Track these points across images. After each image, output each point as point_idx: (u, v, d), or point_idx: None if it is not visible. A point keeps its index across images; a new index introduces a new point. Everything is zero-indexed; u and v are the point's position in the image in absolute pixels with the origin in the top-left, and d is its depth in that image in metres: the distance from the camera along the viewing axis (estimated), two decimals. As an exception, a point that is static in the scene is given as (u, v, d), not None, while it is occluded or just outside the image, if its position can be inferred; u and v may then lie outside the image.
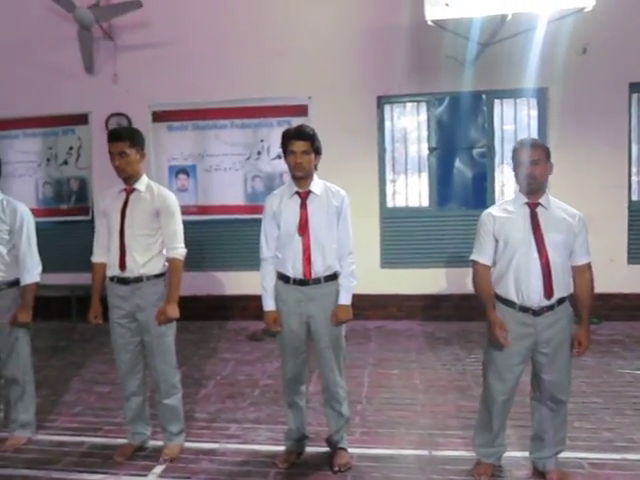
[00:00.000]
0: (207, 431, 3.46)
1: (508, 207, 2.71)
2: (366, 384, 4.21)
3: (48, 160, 6.64)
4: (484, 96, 5.99)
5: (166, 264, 3.10)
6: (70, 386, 4.38)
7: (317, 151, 2.87)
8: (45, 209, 6.63)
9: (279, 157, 6.17)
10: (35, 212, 6.47)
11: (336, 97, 6.01)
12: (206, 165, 6.34)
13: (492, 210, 2.76)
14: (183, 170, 6.39)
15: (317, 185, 2.90)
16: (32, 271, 3.36)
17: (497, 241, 2.68)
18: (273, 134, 6.15)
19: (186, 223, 3.25)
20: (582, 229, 2.65)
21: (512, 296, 2.63)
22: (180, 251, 3.09)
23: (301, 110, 6.06)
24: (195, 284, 6.15)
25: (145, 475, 2.94)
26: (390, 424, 3.49)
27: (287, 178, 6.10)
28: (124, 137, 2.99)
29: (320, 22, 6.01)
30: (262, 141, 6.20)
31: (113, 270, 3.05)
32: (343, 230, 2.90)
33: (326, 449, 3.09)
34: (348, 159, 5.92)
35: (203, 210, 6.39)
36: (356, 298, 2.95)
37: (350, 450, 3.06)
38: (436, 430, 3.38)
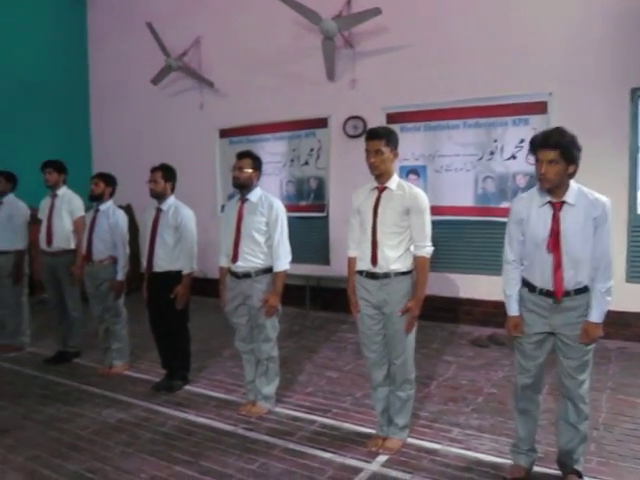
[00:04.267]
0: (429, 430, 3.47)
1: None
2: (604, 410, 3.79)
3: (292, 161, 7.33)
4: None
5: (413, 262, 3.16)
6: (303, 368, 4.79)
7: (570, 160, 2.56)
8: (287, 205, 7.25)
9: (513, 157, 5.91)
10: (279, 207, 7.29)
11: (580, 91, 5.50)
12: (437, 166, 6.34)
13: None
14: (414, 170, 6.49)
15: (573, 194, 2.61)
16: (284, 260, 3.75)
17: None
18: (508, 134, 5.88)
19: None
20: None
21: None
22: (428, 250, 3.14)
23: (540, 107, 5.67)
24: (419, 283, 6.21)
25: (369, 462, 3.07)
26: (634, 459, 3.09)
27: (521, 180, 5.96)
28: (381, 135, 3.10)
29: (567, 10, 5.56)
30: (495, 141, 5.97)
31: (364, 264, 3.19)
32: (602, 242, 2.59)
33: (557, 472, 2.87)
34: (592, 160, 5.33)
35: (432, 211, 6.31)
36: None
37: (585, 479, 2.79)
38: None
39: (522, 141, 5.78)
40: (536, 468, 2.95)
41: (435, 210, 6.31)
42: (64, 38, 8.93)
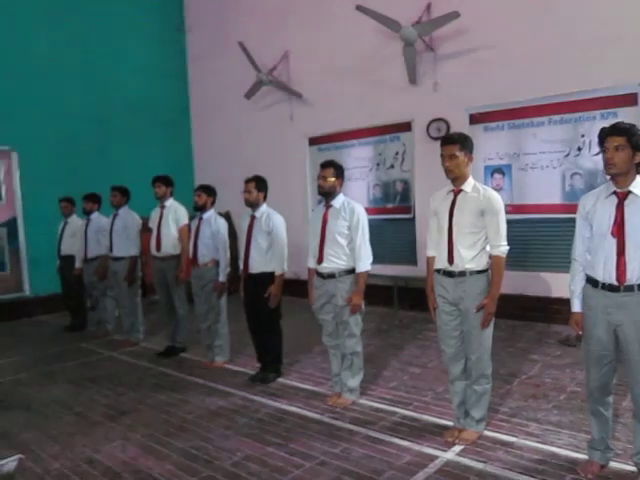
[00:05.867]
0: (506, 424, 3.57)
1: None
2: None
3: (378, 165, 7.56)
4: None
5: (489, 261, 3.30)
6: (388, 363, 5.01)
7: (636, 147, 2.61)
8: (375, 208, 7.58)
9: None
10: (367, 210, 7.55)
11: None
12: (521, 164, 6.31)
13: None
14: (499, 169, 6.49)
15: (639, 185, 2.67)
16: (365, 261, 4.00)
17: None
18: (595, 128, 5.61)
19: None
20: None
21: None
22: (503, 249, 3.26)
23: (629, 100, 5.50)
24: (508, 283, 6.17)
25: (445, 451, 3.26)
26: None
27: None
28: (455, 141, 3.28)
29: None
30: (583, 136, 5.85)
31: (441, 263, 3.37)
32: None
33: (632, 468, 2.90)
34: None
35: (518, 209, 6.37)
36: None
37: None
38: None
39: (612, 135, 5.63)
40: (613, 464, 2.98)
41: (521, 209, 6.37)
42: (167, 62, 9.80)
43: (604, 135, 2.68)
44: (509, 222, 6.04)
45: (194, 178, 9.85)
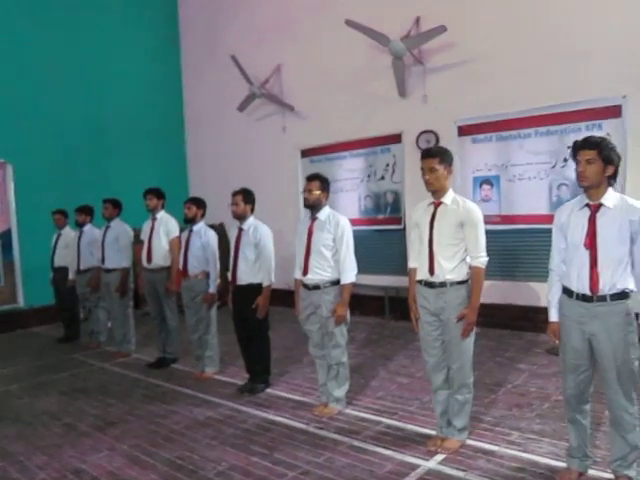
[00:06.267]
0: (489, 433, 3.61)
1: None
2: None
3: (369, 176, 7.64)
4: None
5: (469, 271, 3.36)
6: (377, 374, 5.05)
7: (607, 160, 2.69)
8: (365, 219, 7.65)
9: (588, 163, 5.84)
10: (357, 221, 7.66)
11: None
12: (509, 175, 6.38)
13: None
14: (487, 180, 6.57)
15: (610, 198, 2.73)
16: (350, 273, 4.05)
17: None
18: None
19: (489, 232, 3.49)
20: None
21: None
22: (482, 260, 3.32)
23: (614, 112, 5.59)
24: (496, 292, 6.28)
25: (427, 460, 3.29)
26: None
27: None
28: (434, 154, 3.36)
29: (635, 8, 5.46)
30: (569, 147, 5.86)
31: (422, 274, 3.42)
32: None
33: (611, 476, 2.93)
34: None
35: (506, 219, 6.44)
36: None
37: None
38: None
39: (597, 146, 5.73)
40: (592, 472, 3.02)
41: (510, 219, 6.45)
42: (161, 74, 9.91)
43: (576, 149, 2.75)
44: (498, 232, 6.30)
45: (188, 190, 9.92)
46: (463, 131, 6.65)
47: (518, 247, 6.41)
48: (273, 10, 8.57)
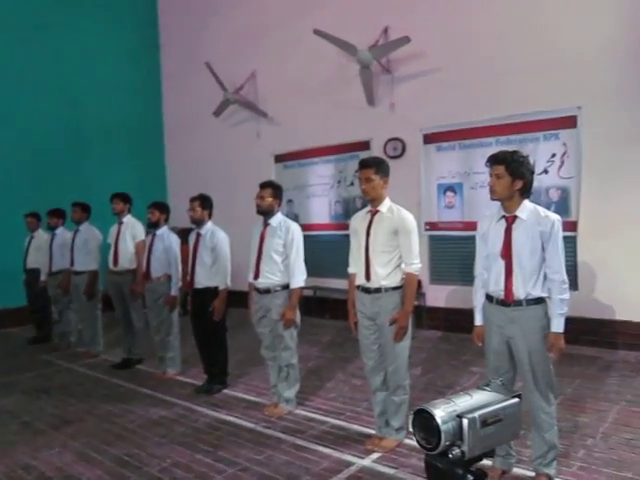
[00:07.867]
0: (427, 433, 3.74)
1: None
2: (609, 420, 3.87)
3: (339, 182, 7.79)
4: None
5: (404, 277, 3.50)
6: (333, 376, 5.18)
7: (515, 175, 2.81)
8: (335, 224, 7.78)
9: (545, 172, 6.02)
10: (327, 226, 7.78)
11: (610, 105, 5.54)
12: (472, 182, 6.54)
13: None
14: (451, 188, 6.72)
15: (524, 210, 2.90)
16: (299, 277, 4.19)
17: None
18: (539, 149, 6.01)
19: (452, 238, 3.63)
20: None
21: None
22: (415, 267, 3.46)
23: (570, 122, 5.76)
24: (459, 297, 6.42)
25: (362, 458, 3.43)
26: (618, 466, 3.20)
27: (553, 193, 6.04)
28: (370, 165, 3.50)
29: (595, 24, 5.64)
30: (528, 156, 6.08)
31: (360, 280, 3.58)
32: (552, 255, 2.85)
33: (532, 474, 3.08)
34: (624, 174, 5.45)
35: (468, 226, 6.57)
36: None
37: (559, 482, 2.98)
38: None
39: (554, 155, 5.93)
40: (517, 470, 3.17)
41: (472, 226, 6.50)
42: (140, 78, 10.03)
43: (490, 164, 2.91)
44: (461, 238, 6.44)
45: (167, 194, 10.04)
46: (428, 139, 6.82)
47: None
48: (248, 18, 8.71)
